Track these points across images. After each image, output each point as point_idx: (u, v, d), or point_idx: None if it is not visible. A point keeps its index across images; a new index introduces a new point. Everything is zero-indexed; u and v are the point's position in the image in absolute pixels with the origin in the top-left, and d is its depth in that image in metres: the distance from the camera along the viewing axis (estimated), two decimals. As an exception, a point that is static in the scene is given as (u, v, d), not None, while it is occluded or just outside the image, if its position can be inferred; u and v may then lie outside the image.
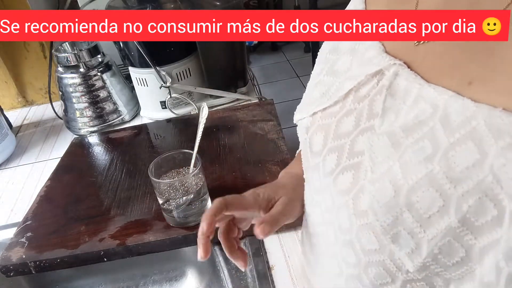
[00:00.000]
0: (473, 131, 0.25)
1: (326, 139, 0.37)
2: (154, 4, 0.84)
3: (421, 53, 0.31)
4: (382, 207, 0.30)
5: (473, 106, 0.26)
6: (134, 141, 0.88)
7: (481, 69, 0.26)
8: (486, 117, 0.25)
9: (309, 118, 0.40)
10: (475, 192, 0.25)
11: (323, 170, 0.37)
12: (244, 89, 0.98)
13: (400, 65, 0.32)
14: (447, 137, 0.26)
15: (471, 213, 0.25)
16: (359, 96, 0.35)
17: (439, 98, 0.28)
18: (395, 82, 0.32)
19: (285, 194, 0.47)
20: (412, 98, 0.30)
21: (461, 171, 0.26)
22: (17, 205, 0.78)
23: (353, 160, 0.33)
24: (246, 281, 0.55)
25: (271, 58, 3.19)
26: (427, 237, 0.28)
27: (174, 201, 0.59)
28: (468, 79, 0.27)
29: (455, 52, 0.28)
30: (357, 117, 0.34)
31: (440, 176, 0.26)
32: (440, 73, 0.29)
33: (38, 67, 1.10)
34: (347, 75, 0.36)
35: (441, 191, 0.26)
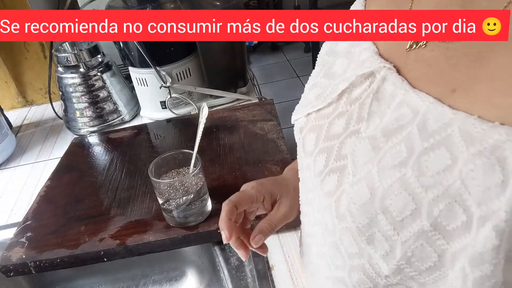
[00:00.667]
0: (447, 137, 0.26)
1: (318, 139, 0.37)
2: (154, 4, 0.84)
3: (411, 58, 0.31)
4: (359, 210, 0.30)
5: (451, 113, 0.26)
6: (134, 141, 0.88)
7: (465, 78, 0.27)
8: (461, 124, 0.25)
9: (304, 119, 0.41)
10: (445, 197, 0.25)
11: (314, 170, 0.37)
12: (244, 89, 0.98)
13: (389, 69, 0.32)
14: (422, 142, 0.27)
15: (442, 218, 0.26)
16: (351, 99, 0.35)
17: (421, 104, 0.28)
18: (383, 87, 0.32)
19: (286, 194, 0.49)
20: (396, 102, 0.30)
21: (432, 176, 0.26)
22: (17, 205, 0.78)
23: (339, 163, 0.34)
24: (246, 281, 0.55)
25: (271, 58, 3.19)
26: (400, 240, 0.28)
27: (174, 201, 0.59)
28: (452, 87, 0.27)
29: (442, 59, 0.29)
30: (348, 119, 0.35)
31: (412, 180, 0.27)
32: (427, 80, 0.30)
33: (38, 67, 1.10)
34: (342, 77, 0.37)
35: (414, 195, 0.27)
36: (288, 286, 0.54)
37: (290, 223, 0.61)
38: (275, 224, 0.48)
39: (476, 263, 0.24)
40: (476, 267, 0.24)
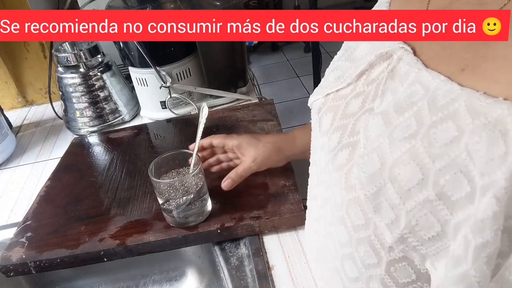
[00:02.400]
0: (454, 111, 0.27)
1: (334, 119, 0.39)
2: (154, 4, 0.84)
3: (427, 41, 0.32)
4: (368, 178, 0.32)
5: (459, 89, 0.27)
6: (134, 141, 0.88)
7: (474, 58, 0.28)
8: (467, 98, 0.26)
9: (322, 99, 0.42)
10: (451, 168, 0.27)
11: (328, 148, 0.39)
12: (244, 89, 0.98)
13: (406, 50, 0.33)
14: (431, 116, 0.28)
15: (447, 188, 0.27)
16: (369, 79, 0.36)
17: (432, 81, 0.30)
18: (398, 66, 0.33)
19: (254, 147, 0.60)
20: (409, 80, 0.32)
21: (439, 147, 0.27)
22: (17, 205, 0.78)
23: (352, 138, 0.35)
24: (246, 281, 0.55)
25: (271, 58, 3.19)
26: (405, 209, 0.29)
27: (174, 201, 0.59)
28: (461, 66, 0.28)
29: (455, 42, 0.30)
30: (364, 99, 0.36)
31: (421, 151, 0.28)
32: (439, 60, 0.31)
33: (38, 67, 1.10)
34: (362, 60, 0.38)
35: (421, 165, 0.28)
36: (288, 286, 0.54)
37: (290, 223, 0.61)
38: (241, 172, 0.60)
39: (478, 230, 0.25)
40: (478, 234, 0.25)
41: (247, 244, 0.60)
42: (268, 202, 0.63)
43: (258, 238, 0.61)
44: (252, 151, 0.60)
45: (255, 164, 0.60)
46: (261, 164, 0.60)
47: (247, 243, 0.60)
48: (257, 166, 0.60)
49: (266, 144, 0.61)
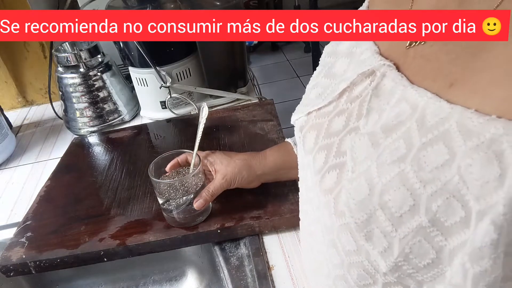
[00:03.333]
0: (445, 132, 0.26)
1: (318, 137, 0.38)
2: (154, 4, 0.84)
3: (410, 55, 0.32)
4: (357, 205, 0.30)
5: (448, 107, 0.26)
6: (134, 141, 0.88)
7: (463, 71, 0.27)
8: (458, 118, 0.25)
9: (304, 118, 0.42)
10: (443, 192, 0.25)
11: (313, 168, 0.38)
12: (244, 89, 0.98)
13: (389, 66, 0.32)
14: (420, 137, 0.27)
15: (440, 213, 0.26)
16: (352, 97, 0.36)
17: (419, 99, 0.28)
18: (382, 83, 0.33)
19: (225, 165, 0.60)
20: (395, 99, 0.30)
21: (430, 171, 0.26)
22: (17, 205, 0.78)
23: (338, 159, 0.34)
24: (246, 281, 0.55)
25: (271, 58, 3.19)
26: (398, 236, 0.28)
27: (174, 201, 0.59)
28: (449, 81, 0.27)
29: (441, 54, 0.29)
30: (348, 116, 0.35)
31: (411, 176, 0.27)
32: (425, 75, 0.30)
33: (38, 67, 1.10)
34: (343, 77, 0.37)
35: (412, 191, 0.27)
36: (288, 286, 0.54)
37: (290, 223, 0.61)
38: (212, 190, 0.59)
39: (476, 258, 0.24)
40: (476, 262, 0.24)
41: (247, 244, 0.60)
42: (268, 202, 0.63)
43: (258, 238, 0.61)
44: (223, 169, 0.60)
45: (225, 181, 0.59)
46: (232, 180, 0.59)
47: (247, 243, 0.60)
48: (227, 183, 0.59)
49: (236, 161, 0.60)
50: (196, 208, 0.58)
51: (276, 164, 0.61)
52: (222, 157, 0.61)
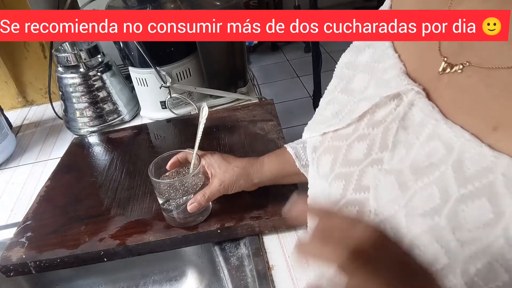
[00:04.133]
0: (489, 185, 0.22)
1: (335, 163, 0.34)
2: (154, 4, 0.84)
3: (444, 82, 0.28)
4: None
5: (492, 156, 0.23)
6: (134, 141, 0.88)
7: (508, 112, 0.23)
8: (505, 171, 0.22)
9: (319, 138, 0.38)
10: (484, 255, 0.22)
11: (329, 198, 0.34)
12: (244, 89, 0.98)
13: (418, 93, 0.29)
14: (458, 187, 0.24)
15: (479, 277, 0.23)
16: (374, 121, 0.32)
17: (455, 140, 0.25)
18: (410, 113, 0.29)
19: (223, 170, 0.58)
20: (426, 134, 0.27)
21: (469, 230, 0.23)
22: (17, 205, 0.78)
23: (359, 195, 0.31)
24: (246, 281, 0.55)
25: (271, 58, 3.19)
26: None
27: (174, 201, 0.59)
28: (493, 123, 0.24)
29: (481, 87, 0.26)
30: (370, 145, 0.31)
31: (447, 232, 0.24)
32: (462, 109, 0.26)
33: (38, 67, 1.10)
34: (363, 95, 0.34)
35: (447, 248, 0.24)
36: (288, 286, 0.54)
37: (290, 223, 0.61)
38: (208, 195, 0.58)
39: None
40: None
41: (247, 244, 0.60)
42: (268, 202, 0.63)
43: (258, 238, 0.61)
44: (221, 174, 0.59)
45: (222, 187, 0.59)
46: (229, 187, 0.59)
47: (247, 243, 0.60)
48: (224, 189, 0.59)
49: (234, 168, 0.59)
50: (190, 211, 0.58)
51: (273, 173, 0.61)
52: (221, 161, 0.61)
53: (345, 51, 0.40)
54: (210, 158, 0.61)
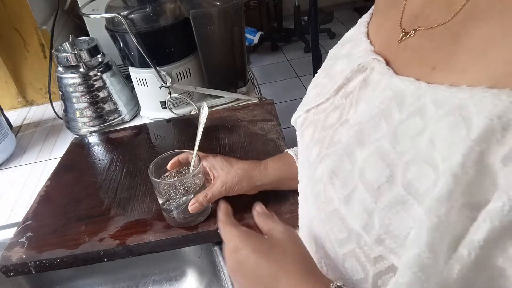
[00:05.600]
0: (420, 107, 0.28)
1: (314, 132, 0.40)
2: (154, 4, 0.84)
3: (401, 49, 0.34)
4: (340, 180, 0.32)
5: (425, 86, 0.28)
6: (134, 141, 0.88)
7: (444, 56, 0.29)
8: (433, 92, 0.27)
9: (304, 115, 0.43)
10: (416, 160, 0.27)
11: (308, 162, 0.39)
12: (244, 89, 0.98)
13: (378, 61, 0.35)
14: (400, 114, 0.29)
15: (414, 181, 0.27)
16: (346, 92, 0.38)
17: (401, 84, 0.31)
18: (371, 76, 0.35)
19: (226, 172, 0.59)
20: (381, 88, 0.33)
21: (404, 142, 0.28)
22: (17, 205, 0.78)
23: (330, 149, 0.36)
24: (246, 281, 0.55)
25: (271, 58, 3.19)
26: (377, 208, 0.29)
27: (174, 201, 0.59)
28: (432, 65, 0.29)
29: (426, 43, 0.31)
30: (341, 110, 0.37)
31: (387, 147, 0.29)
32: (412, 64, 0.32)
33: (38, 67, 1.10)
34: (341, 75, 0.39)
35: (388, 161, 0.29)
36: (288, 286, 0.54)
37: (290, 223, 0.60)
38: (209, 196, 0.58)
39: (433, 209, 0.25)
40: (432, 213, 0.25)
41: (247, 244, 0.60)
42: (268, 202, 0.63)
43: (258, 238, 0.61)
44: (223, 176, 0.59)
45: (224, 189, 0.59)
46: (230, 189, 0.59)
47: (247, 243, 0.60)
48: (226, 191, 0.59)
49: (237, 170, 0.59)
50: (191, 211, 0.58)
51: (275, 176, 0.61)
52: (223, 163, 0.61)
53: (332, 48, 0.46)
54: (212, 160, 0.61)
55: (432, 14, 0.31)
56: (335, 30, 3.20)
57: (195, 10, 0.83)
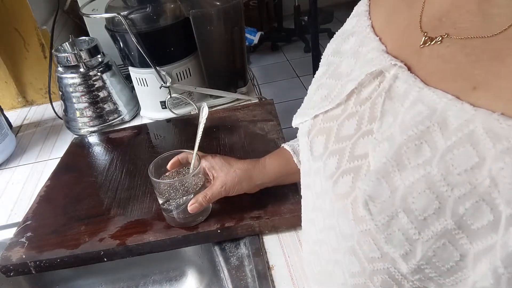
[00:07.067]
0: (470, 134, 0.25)
1: (328, 142, 0.36)
2: (154, 4, 0.84)
3: (425, 55, 0.30)
4: (377, 206, 0.29)
5: (472, 110, 0.25)
6: (134, 141, 0.88)
7: (486, 75, 0.26)
8: (484, 121, 0.25)
9: (311, 121, 0.39)
10: (472, 196, 0.25)
11: (324, 174, 0.36)
12: (244, 89, 0.98)
13: (400, 67, 0.31)
14: (445, 140, 0.26)
15: (467, 216, 0.25)
16: (361, 99, 0.34)
17: (438, 100, 0.27)
18: (395, 85, 0.31)
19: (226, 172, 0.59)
20: (410, 101, 0.29)
21: (459, 174, 0.25)
22: (17, 205, 0.78)
23: (353, 164, 0.33)
24: (246, 281, 0.55)
25: (271, 58, 3.19)
26: (422, 239, 0.28)
27: (174, 201, 0.59)
28: (472, 84, 0.26)
29: (459, 55, 0.28)
30: (359, 120, 0.34)
31: (438, 179, 0.26)
32: (443, 77, 0.29)
33: (38, 67, 1.10)
34: (349, 77, 0.36)
35: (438, 193, 0.26)
36: (288, 286, 0.54)
37: (290, 223, 0.61)
38: (209, 196, 0.58)
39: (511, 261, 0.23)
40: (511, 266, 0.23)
41: (247, 244, 0.60)
42: (268, 202, 0.63)
43: (258, 238, 0.61)
44: (223, 176, 0.59)
45: (224, 189, 0.59)
46: (230, 189, 0.59)
47: (247, 243, 0.60)
48: (226, 191, 0.59)
49: (237, 170, 0.59)
50: (190, 212, 0.58)
51: (275, 173, 0.61)
52: (223, 164, 0.60)
53: (331, 41, 0.43)
54: (211, 160, 0.61)
55: (462, 22, 0.28)
56: (335, 30, 3.13)
57: (195, 10, 0.83)
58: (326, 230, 0.38)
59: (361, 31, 0.38)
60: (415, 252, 0.28)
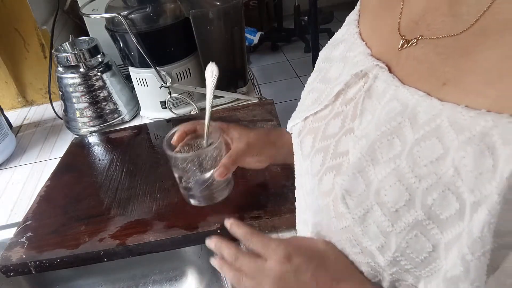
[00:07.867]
0: (437, 128, 0.27)
1: (315, 141, 0.38)
2: (154, 4, 0.84)
3: (403, 57, 0.32)
4: (354, 200, 0.31)
5: (439, 105, 0.27)
6: (134, 141, 0.88)
7: (455, 72, 0.27)
8: (450, 114, 0.26)
9: (302, 123, 0.41)
10: (438, 186, 0.26)
11: (311, 172, 0.38)
12: (244, 89, 0.98)
13: (381, 68, 0.33)
14: (414, 133, 0.28)
15: (435, 207, 0.27)
16: (346, 99, 0.36)
17: (410, 98, 0.29)
18: (374, 85, 0.33)
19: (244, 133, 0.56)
20: (386, 98, 0.31)
21: (425, 165, 0.27)
22: (17, 205, 0.78)
23: (336, 161, 0.35)
24: (246, 281, 0.55)
25: (271, 58, 3.19)
26: (395, 231, 0.29)
27: (194, 178, 0.55)
28: (442, 81, 0.28)
29: (432, 55, 0.30)
30: (343, 119, 0.36)
31: (406, 171, 0.28)
32: (418, 76, 0.30)
33: (38, 67, 1.10)
34: (338, 80, 0.38)
35: (407, 185, 0.28)
36: (288, 286, 0.54)
37: (290, 223, 0.61)
38: (233, 158, 0.54)
39: (477, 248, 0.24)
40: (478, 251, 0.24)
41: (247, 244, 0.60)
42: (268, 202, 0.63)
43: (258, 238, 0.61)
44: (244, 135, 0.56)
45: (247, 146, 0.55)
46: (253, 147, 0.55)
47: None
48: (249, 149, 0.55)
49: (256, 132, 0.57)
50: (217, 177, 0.52)
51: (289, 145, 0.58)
52: (240, 128, 0.57)
53: (323, 49, 0.45)
54: (226, 126, 0.58)
55: (435, 23, 0.30)
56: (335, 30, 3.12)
57: (195, 10, 0.83)
58: (316, 227, 0.39)
59: (350, 38, 0.40)
60: (390, 244, 0.29)
